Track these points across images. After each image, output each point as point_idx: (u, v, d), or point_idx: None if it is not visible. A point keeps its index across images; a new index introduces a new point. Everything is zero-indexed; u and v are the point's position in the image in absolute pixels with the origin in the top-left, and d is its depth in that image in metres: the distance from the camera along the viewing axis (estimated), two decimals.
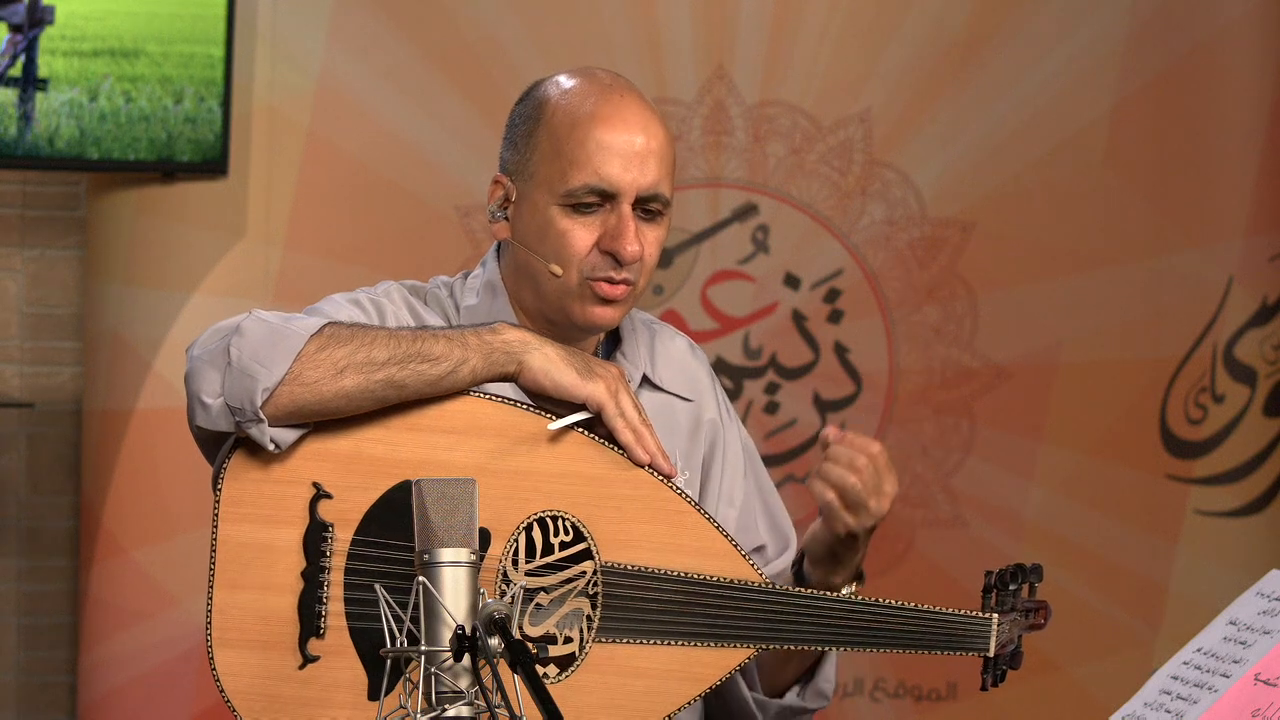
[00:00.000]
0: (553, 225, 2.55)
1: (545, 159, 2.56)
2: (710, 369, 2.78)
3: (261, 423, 2.34)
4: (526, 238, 2.58)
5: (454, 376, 2.41)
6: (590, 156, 2.53)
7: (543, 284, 2.57)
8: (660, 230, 2.58)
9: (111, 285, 5.07)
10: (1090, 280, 5.25)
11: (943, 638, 2.46)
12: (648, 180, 2.54)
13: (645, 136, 2.55)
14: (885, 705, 5.26)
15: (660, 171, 2.55)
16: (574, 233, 2.55)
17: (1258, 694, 2.14)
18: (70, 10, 4.87)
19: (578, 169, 2.53)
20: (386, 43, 5.10)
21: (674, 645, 2.43)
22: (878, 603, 2.46)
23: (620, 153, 2.53)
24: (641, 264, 2.56)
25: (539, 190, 2.56)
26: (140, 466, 5.02)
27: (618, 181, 2.53)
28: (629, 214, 2.54)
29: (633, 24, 5.17)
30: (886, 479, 2.51)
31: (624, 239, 2.53)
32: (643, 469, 2.45)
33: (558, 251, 2.55)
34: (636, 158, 2.54)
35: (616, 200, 2.54)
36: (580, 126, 2.55)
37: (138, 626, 5.02)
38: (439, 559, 2.16)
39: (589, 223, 2.55)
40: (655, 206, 2.56)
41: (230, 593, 2.36)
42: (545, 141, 2.56)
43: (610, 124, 2.55)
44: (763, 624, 2.44)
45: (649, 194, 2.55)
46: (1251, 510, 5.25)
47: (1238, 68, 5.22)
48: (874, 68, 5.22)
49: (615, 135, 2.54)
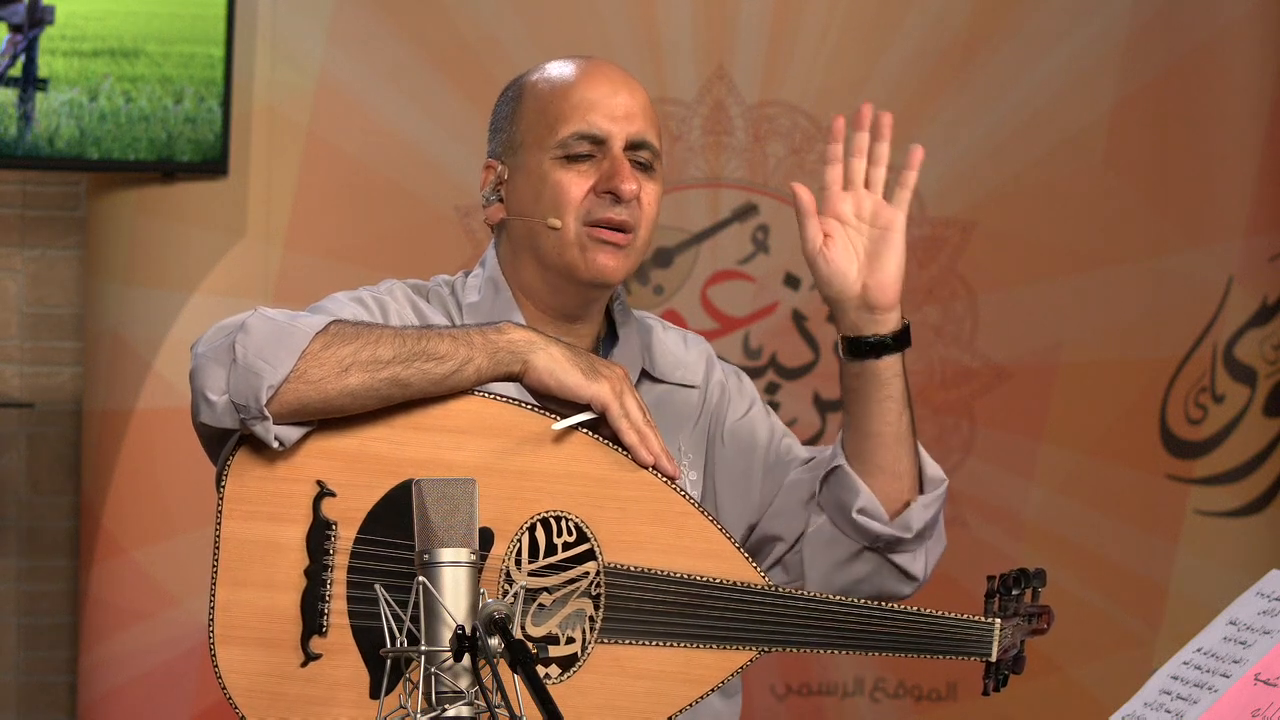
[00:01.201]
0: (547, 179, 2.58)
1: (531, 124, 2.60)
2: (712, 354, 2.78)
3: (266, 420, 2.34)
4: (523, 205, 2.60)
5: (459, 375, 2.41)
6: (575, 108, 2.58)
7: (543, 246, 2.59)
8: (655, 185, 2.60)
9: (111, 285, 5.07)
10: (1090, 280, 5.25)
11: (945, 642, 2.46)
12: (634, 128, 2.58)
13: (627, 93, 2.59)
14: (885, 705, 5.26)
15: (645, 123, 2.59)
16: (569, 180, 2.57)
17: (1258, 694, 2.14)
18: (70, 10, 4.87)
19: (565, 120, 2.57)
20: (386, 43, 5.10)
21: (676, 647, 2.43)
22: (881, 606, 2.46)
23: (604, 106, 2.58)
24: (640, 213, 2.57)
25: (529, 153, 2.59)
26: (140, 466, 5.02)
27: (606, 127, 2.57)
28: (621, 155, 2.57)
29: (633, 24, 5.18)
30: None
31: (619, 176, 2.56)
32: (647, 470, 2.45)
33: (555, 202, 2.57)
34: (621, 108, 2.58)
35: (607, 145, 2.57)
36: (562, 87, 2.60)
37: (138, 626, 5.02)
38: (439, 559, 2.16)
39: (583, 170, 2.58)
40: (645, 156, 2.59)
41: (233, 590, 2.36)
42: (530, 109, 2.61)
43: (591, 82, 2.59)
44: (765, 626, 2.44)
45: (638, 139, 2.58)
46: (1251, 510, 5.25)
47: (1238, 68, 5.22)
48: (874, 68, 5.22)
49: (598, 91, 2.58)
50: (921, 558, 2.65)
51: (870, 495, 2.58)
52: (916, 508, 2.61)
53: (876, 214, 2.59)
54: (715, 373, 2.75)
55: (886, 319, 2.58)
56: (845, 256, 2.58)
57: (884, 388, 2.58)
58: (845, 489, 2.59)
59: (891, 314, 2.58)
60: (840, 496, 2.60)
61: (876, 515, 2.59)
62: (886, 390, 2.58)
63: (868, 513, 2.59)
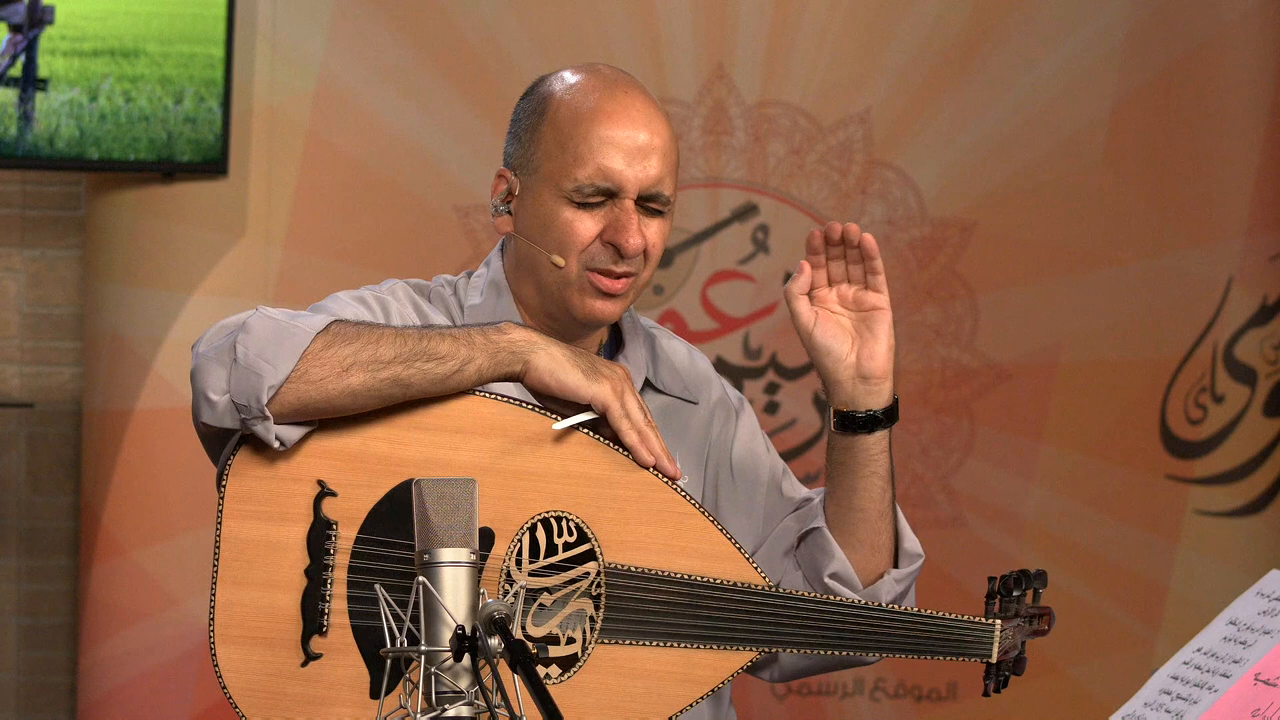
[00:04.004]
0: (556, 217, 2.57)
1: (549, 154, 2.58)
2: (713, 371, 2.79)
3: (267, 420, 2.34)
4: (529, 230, 2.59)
5: (460, 375, 2.41)
6: (594, 151, 2.55)
7: (544, 277, 2.58)
8: (663, 225, 2.60)
9: (111, 285, 5.07)
10: (1090, 280, 5.25)
11: (945, 643, 2.46)
12: (650, 176, 2.56)
13: (649, 133, 2.57)
14: (885, 705, 5.26)
15: (663, 168, 2.57)
16: (577, 223, 2.56)
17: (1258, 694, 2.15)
18: (70, 10, 4.87)
19: (581, 164, 2.55)
20: (386, 43, 5.10)
21: (676, 647, 2.43)
22: (881, 608, 2.46)
23: (624, 148, 2.55)
24: (645, 257, 2.57)
25: (543, 184, 2.58)
26: (140, 466, 5.02)
27: (621, 177, 2.55)
28: (632, 208, 2.56)
29: (633, 24, 5.18)
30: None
31: (626, 232, 2.55)
32: (647, 470, 2.45)
33: (561, 242, 2.56)
34: (639, 153, 2.56)
35: (619, 196, 2.56)
36: (584, 121, 2.56)
37: (138, 626, 5.02)
38: (439, 559, 2.16)
39: (593, 215, 2.57)
40: (656, 206, 2.58)
41: (234, 589, 2.36)
42: (550, 136, 2.58)
43: (614, 119, 2.56)
44: (765, 627, 2.44)
45: (651, 191, 2.57)
46: (1251, 510, 5.25)
47: (1238, 68, 5.22)
48: (874, 68, 5.22)
49: (619, 131, 2.56)
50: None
51: (844, 561, 2.60)
52: (889, 580, 2.63)
53: (860, 300, 2.59)
54: (716, 390, 2.76)
55: (881, 389, 2.58)
56: (836, 331, 2.59)
57: (870, 464, 2.59)
58: (821, 551, 2.62)
59: (885, 384, 2.59)
60: (815, 557, 2.62)
61: (848, 582, 2.61)
62: (872, 466, 2.59)
63: (839, 578, 2.61)
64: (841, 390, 2.59)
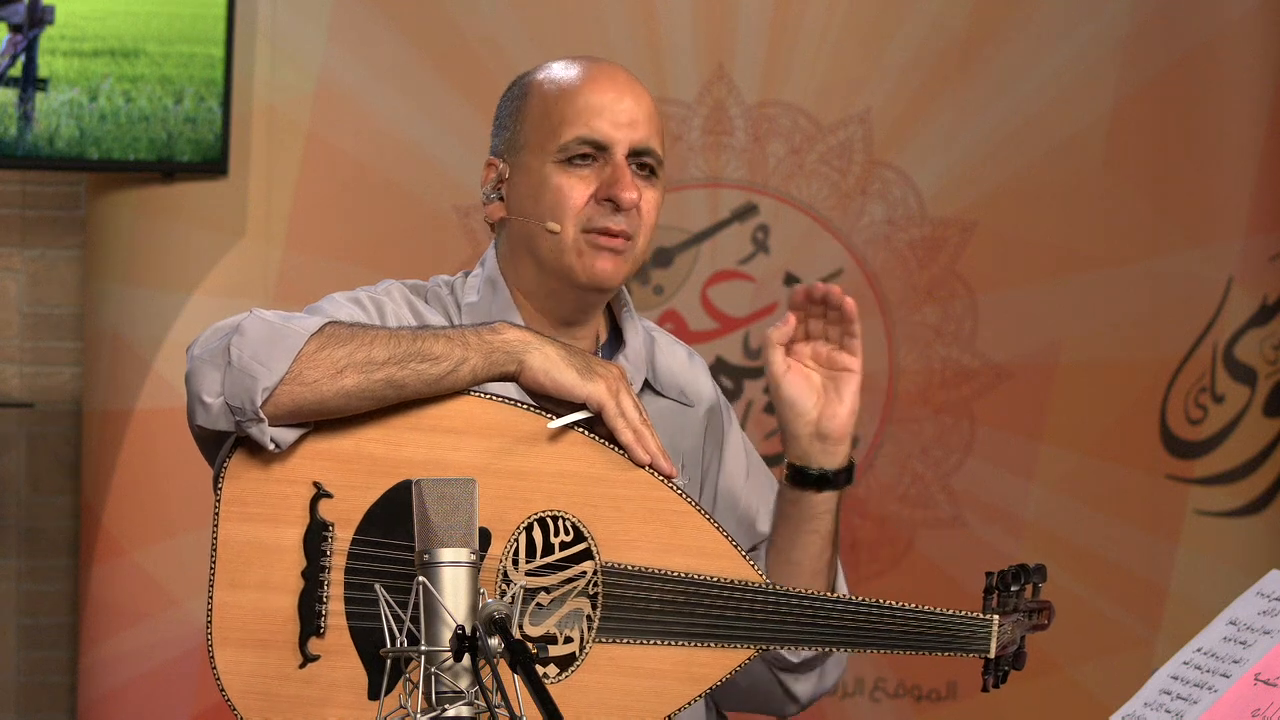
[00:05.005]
0: (548, 182, 2.58)
1: (535, 125, 2.59)
2: (710, 376, 2.79)
3: (261, 422, 2.34)
4: (522, 205, 2.60)
5: (454, 376, 2.41)
6: (580, 112, 2.58)
7: (541, 248, 2.59)
8: (656, 192, 2.61)
9: (111, 285, 5.07)
10: (1090, 280, 5.25)
11: (943, 639, 2.46)
12: (638, 135, 2.58)
13: (632, 99, 2.59)
14: (885, 705, 5.26)
15: (649, 130, 2.59)
16: (570, 185, 2.57)
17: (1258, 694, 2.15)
18: (70, 10, 4.87)
19: (568, 124, 2.57)
20: (386, 43, 5.10)
21: (674, 645, 2.43)
22: (878, 603, 2.46)
23: (609, 112, 2.58)
24: (640, 220, 2.58)
25: (531, 154, 2.59)
26: (140, 466, 5.02)
27: (609, 134, 2.57)
28: (624, 163, 2.57)
29: (633, 24, 5.18)
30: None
31: (620, 184, 2.55)
32: (643, 469, 2.45)
33: (554, 206, 2.57)
34: (625, 115, 2.58)
35: (610, 151, 2.57)
36: (567, 90, 2.59)
37: (138, 626, 5.02)
38: (439, 559, 2.16)
39: (584, 175, 2.58)
40: (649, 161, 2.59)
41: (231, 592, 2.36)
42: (534, 109, 2.60)
43: (597, 86, 2.59)
44: (763, 624, 2.44)
45: (641, 147, 2.58)
46: (1251, 510, 5.25)
47: (1238, 68, 5.22)
48: (874, 68, 5.22)
49: (603, 96, 2.58)
50: (809, 684, 2.67)
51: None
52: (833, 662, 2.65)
53: (833, 360, 2.59)
54: (709, 392, 2.76)
55: (837, 452, 2.58)
56: (804, 386, 2.58)
57: (813, 520, 2.59)
58: None
59: (841, 447, 2.58)
60: None
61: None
62: (814, 525, 2.59)
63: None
64: (798, 445, 2.59)
